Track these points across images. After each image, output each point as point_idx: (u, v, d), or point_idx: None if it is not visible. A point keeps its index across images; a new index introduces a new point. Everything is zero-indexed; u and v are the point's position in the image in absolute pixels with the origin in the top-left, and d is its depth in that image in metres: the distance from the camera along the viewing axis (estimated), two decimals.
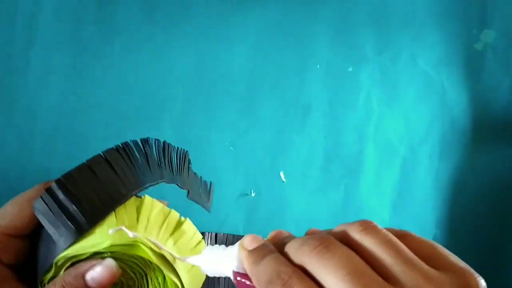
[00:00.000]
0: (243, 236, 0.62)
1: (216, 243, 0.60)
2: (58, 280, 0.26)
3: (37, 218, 0.26)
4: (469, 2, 0.65)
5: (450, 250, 0.21)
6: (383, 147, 0.63)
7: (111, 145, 0.33)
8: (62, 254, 0.26)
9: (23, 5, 0.59)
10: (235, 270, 0.24)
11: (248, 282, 0.23)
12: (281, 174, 0.62)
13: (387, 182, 0.63)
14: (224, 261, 0.24)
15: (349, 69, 0.63)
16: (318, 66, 0.63)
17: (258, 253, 0.22)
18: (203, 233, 0.60)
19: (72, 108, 0.58)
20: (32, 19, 0.60)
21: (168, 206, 0.33)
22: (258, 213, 0.61)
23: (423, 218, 0.63)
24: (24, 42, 0.59)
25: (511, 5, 0.65)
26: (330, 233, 0.22)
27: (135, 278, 0.28)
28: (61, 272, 0.27)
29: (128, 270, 0.27)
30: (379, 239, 0.20)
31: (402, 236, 0.21)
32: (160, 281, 0.27)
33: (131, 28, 0.61)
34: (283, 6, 0.63)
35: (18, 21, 0.59)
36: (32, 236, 0.29)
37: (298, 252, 0.21)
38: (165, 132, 0.60)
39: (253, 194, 0.61)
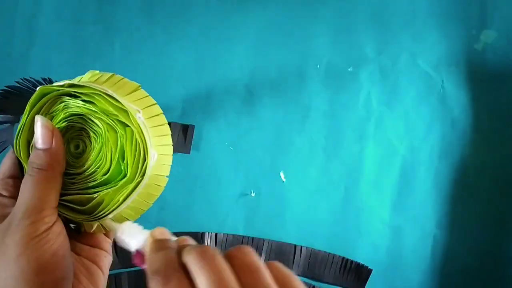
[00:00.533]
0: (243, 236, 0.62)
1: (216, 243, 0.61)
2: (27, 166, 0.30)
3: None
4: (469, 2, 0.65)
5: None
6: (383, 147, 0.63)
7: None
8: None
9: (23, 5, 0.59)
10: (139, 250, 0.28)
11: (143, 264, 0.27)
12: (281, 174, 0.62)
13: (387, 182, 0.63)
14: (135, 238, 0.29)
15: (349, 69, 0.63)
16: (318, 66, 0.63)
17: (160, 244, 0.26)
18: (202, 234, 0.60)
19: None
20: (32, 19, 0.60)
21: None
22: (258, 213, 0.61)
23: (423, 218, 0.63)
24: (24, 42, 0.59)
25: (511, 5, 0.65)
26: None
27: (83, 125, 0.31)
28: None
29: (75, 125, 0.31)
30: (251, 263, 0.23)
31: (269, 264, 0.24)
32: (95, 109, 0.30)
33: (131, 28, 0.61)
34: (283, 6, 0.63)
35: (18, 21, 0.59)
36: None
37: (187, 253, 0.24)
38: None
39: (253, 194, 0.61)
